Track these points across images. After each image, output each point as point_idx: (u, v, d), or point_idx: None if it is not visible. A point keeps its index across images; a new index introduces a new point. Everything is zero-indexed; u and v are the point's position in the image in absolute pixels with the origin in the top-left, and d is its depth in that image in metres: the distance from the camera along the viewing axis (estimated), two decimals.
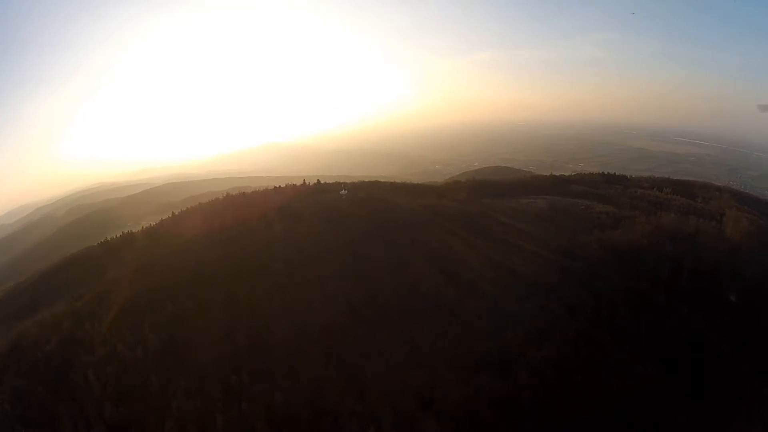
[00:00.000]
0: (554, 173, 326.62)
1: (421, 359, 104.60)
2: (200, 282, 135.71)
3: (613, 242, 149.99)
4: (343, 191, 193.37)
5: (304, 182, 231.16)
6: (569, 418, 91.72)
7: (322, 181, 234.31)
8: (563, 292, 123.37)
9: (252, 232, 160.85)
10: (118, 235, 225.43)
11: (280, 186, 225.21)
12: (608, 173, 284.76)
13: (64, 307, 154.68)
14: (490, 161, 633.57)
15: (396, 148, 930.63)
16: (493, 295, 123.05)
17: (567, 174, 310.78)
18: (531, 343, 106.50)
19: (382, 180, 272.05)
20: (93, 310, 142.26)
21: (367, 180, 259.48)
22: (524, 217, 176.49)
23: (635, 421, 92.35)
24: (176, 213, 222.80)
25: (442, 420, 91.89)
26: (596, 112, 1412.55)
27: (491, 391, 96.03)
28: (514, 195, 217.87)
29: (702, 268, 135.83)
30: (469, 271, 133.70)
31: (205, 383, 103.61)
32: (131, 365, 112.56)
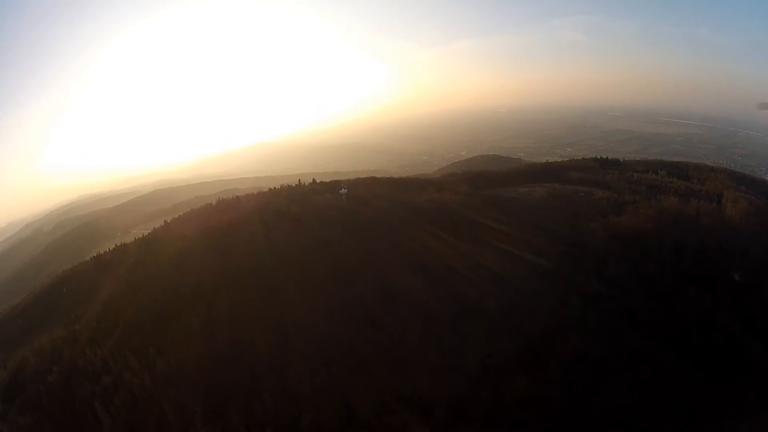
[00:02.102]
0: (545, 160, 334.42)
1: (452, 364, 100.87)
2: (204, 297, 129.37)
3: (618, 228, 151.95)
4: (342, 190, 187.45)
5: (300, 182, 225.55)
6: (603, 412, 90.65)
7: (314, 180, 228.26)
8: (578, 282, 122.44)
9: (253, 239, 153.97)
10: (110, 248, 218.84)
11: (275, 188, 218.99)
12: (602, 158, 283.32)
13: (62, 331, 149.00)
14: (477, 150, 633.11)
15: (379, 142, 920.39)
16: (513, 291, 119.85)
17: (559, 161, 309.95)
18: (557, 338, 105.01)
19: (377, 176, 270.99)
20: (92, 333, 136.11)
21: (363, 176, 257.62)
22: (526, 207, 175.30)
23: (664, 409, 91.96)
24: (168, 221, 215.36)
25: (481, 427, 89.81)
26: (579, 96, 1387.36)
27: (525, 391, 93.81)
28: (512, 184, 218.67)
29: (706, 250, 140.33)
30: (485, 267, 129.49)
31: (224, 409, 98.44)
32: (140, 394, 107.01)
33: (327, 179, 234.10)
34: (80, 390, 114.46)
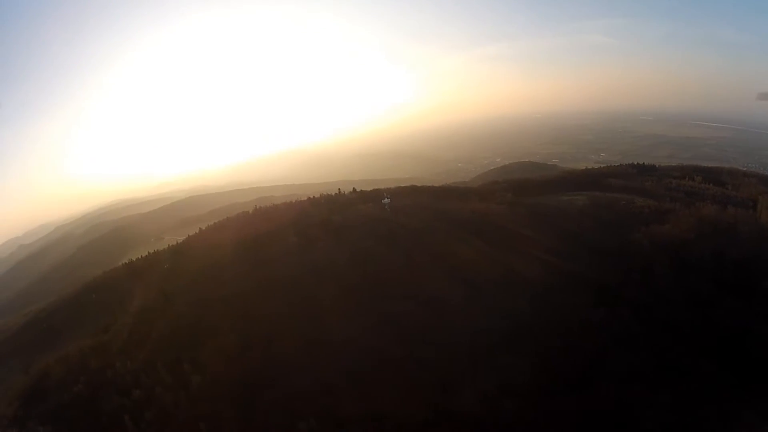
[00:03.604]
0: (580, 166, 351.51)
1: (505, 386, 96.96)
2: (240, 309, 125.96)
3: (661, 237, 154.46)
4: (385, 200, 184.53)
5: (340, 191, 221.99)
6: (654, 428, 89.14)
7: (354, 189, 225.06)
8: (626, 294, 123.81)
9: (292, 250, 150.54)
10: (143, 255, 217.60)
11: (313, 196, 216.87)
12: (639, 164, 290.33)
13: (90, 340, 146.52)
14: (512, 156, 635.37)
15: (412, 149, 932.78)
16: (564, 305, 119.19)
17: (596, 167, 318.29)
18: (608, 354, 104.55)
19: (415, 184, 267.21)
20: (123, 345, 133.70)
21: (402, 185, 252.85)
22: (569, 216, 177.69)
23: (715, 427, 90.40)
24: (202, 228, 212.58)
25: None
26: (608, 99, 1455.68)
27: (576, 410, 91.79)
28: (553, 192, 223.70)
29: (743, 258, 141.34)
30: (533, 282, 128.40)
31: (264, 429, 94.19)
32: (173, 410, 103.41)
33: (365, 187, 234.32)
34: (108, 402, 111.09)
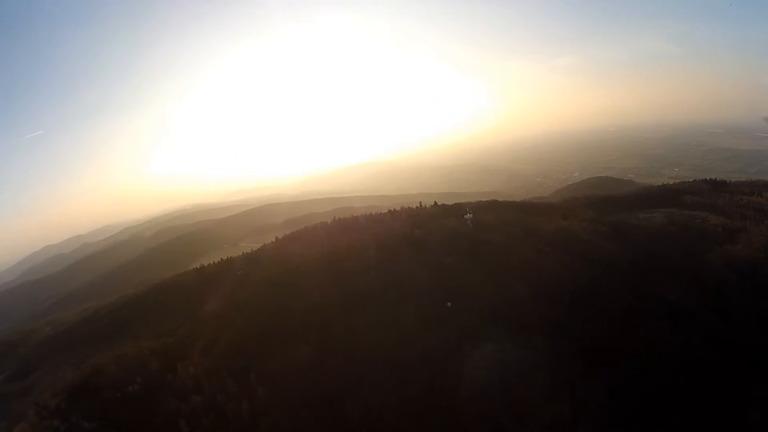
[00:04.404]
0: (656, 181, 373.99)
1: (580, 413, 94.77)
2: (316, 322, 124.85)
3: (733, 259, 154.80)
4: (468, 215, 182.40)
5: (421, 204, 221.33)
6: None
7: (436, 203, 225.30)
8: (701, 319, 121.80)
9: (373, 263, 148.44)
10: (215, 261, 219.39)
11: (394, 209, 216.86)
12: (712, 179, 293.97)
13: (152, 342, 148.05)
14: (589, 171, 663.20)
15: (490, 162, 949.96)
16: (641, 328, 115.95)
17: (671, 183, 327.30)
18: (683, 385, 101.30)
19: (495, 198, 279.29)
20: (187, 350, 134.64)
21: (482, 199, 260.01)
22: (649, 235, 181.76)
23: None
24: (279, 237, 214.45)
25: None
26: (680, 110, 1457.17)
27: None
28: (631, 209, 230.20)
29: None
30: (614, 302, 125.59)
31: None
32: (234, 420, 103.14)
33: (444, 200, 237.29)
34: (164, 405, 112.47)
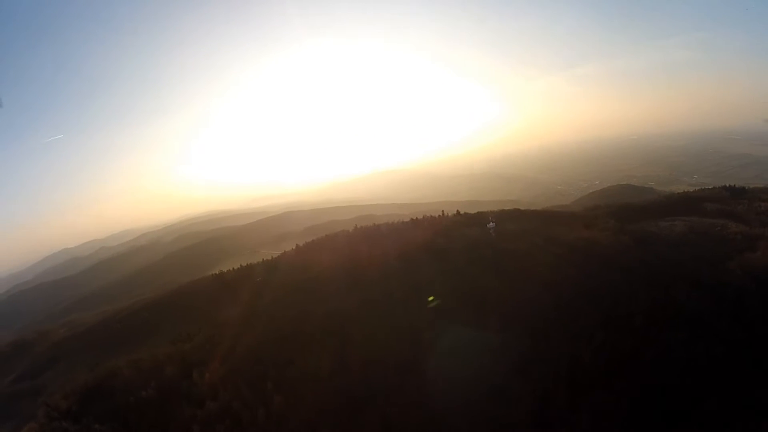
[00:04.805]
0: (676, 189, 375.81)
1: (601, 423, 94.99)
2: (335, 332, 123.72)
3: (752, 267, 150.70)
4: (491, 224, 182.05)
5: (443, 213, 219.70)
6: None
7: (458, 211, 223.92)
8: (719, 328, 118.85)
9: (394, 273, 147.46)
10: (234, 267, 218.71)
11: (416, 218, 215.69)
12: (731, 186, 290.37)
13: (168, 347, 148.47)
14: (610, 179, 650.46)
15: (510, 171, 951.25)
16: (662, 340, 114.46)
17: (691, 190, 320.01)
18: (699, 396, 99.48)
19: (516, 206, 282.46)
20: (203, 356, 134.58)
21: (504, 207, 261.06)
22: (669, 243, 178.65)
23: None
24: (299, 245, 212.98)
25: None
26: (698, 117, 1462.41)
27: None
28: (652, 217, 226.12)
29: None
30: (635, 313, 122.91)
31: None
32: (248, 427, 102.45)
33: (466, 208, 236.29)
34: (179, 411, 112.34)
